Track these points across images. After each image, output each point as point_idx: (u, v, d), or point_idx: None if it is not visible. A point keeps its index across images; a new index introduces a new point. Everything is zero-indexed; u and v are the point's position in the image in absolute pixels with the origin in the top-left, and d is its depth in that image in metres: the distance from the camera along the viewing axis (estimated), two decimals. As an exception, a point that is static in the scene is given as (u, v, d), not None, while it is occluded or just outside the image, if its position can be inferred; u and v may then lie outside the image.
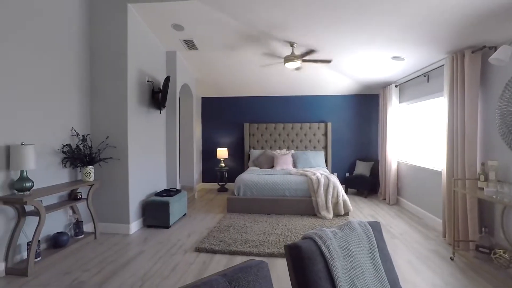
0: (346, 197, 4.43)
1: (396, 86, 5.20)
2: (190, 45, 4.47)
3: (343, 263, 1.17)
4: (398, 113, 5.24)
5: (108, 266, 2.76)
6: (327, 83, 5.86)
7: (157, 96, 4.25)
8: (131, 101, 3.68)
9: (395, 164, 5.20)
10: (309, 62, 4.31)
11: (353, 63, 4.64)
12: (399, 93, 5.24)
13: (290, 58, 4.07)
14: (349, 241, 1.25)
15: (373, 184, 5.84)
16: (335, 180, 4.61)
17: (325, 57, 4.42)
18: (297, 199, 4.48)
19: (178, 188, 4.84)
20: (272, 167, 5.92)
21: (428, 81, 4.18)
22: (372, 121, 6.32)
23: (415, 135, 4.77)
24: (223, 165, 6.34)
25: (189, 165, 5.80)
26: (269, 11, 3.26)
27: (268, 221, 4.09)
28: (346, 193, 5.46)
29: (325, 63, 4.55)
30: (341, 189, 4.49)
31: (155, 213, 3.83)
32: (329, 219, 4.22)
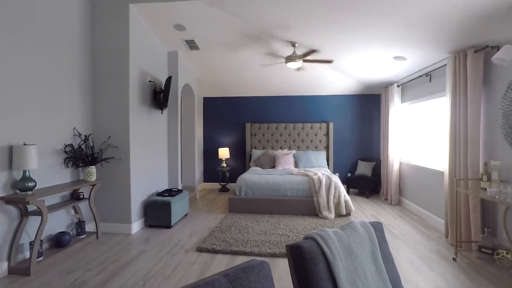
0: (347, 197, 4.42)
1: (398, 86, 5.19)
2: (191, 45, 4.47)
3: (344, 263, 1.17)
4: (400, 113, 5.23)
5: (110, 265, 2.77)
6: (329, 83, 5.85)
7: (159, 96, 4.26)
8: (133, 101, 3.69)
9: (397, 164, 5.19)
10: (310, 62, 4.31)
11: (355, 63, 4.62)
12: (401, 93, 5.22)
13: (291, 58, 4.07)
14: (351, 242, 1.24)
15: (375, 184, 5.82)
16: (337, 180, 4.60)
17: (327, 57, 4.42)
18: (298, 199, 4.47)
19: (179, 188, 4.85)
20: (273, 167, 5.91)
21: (430, 81, 4.16)
22: (374, 121, 6.30)
23: (417, 135, 4.75)
24: (225, 165, 6.34)
25: (191, 165, 5.81)
26: (270, 11, 3.26)
27: (269, 221, 4.09)
28: (347, 193, 5.46)
29: (326, 63, 4.54)
30: (342, 189, 4.48)
31: (157, 213, 3.84)
32: (330, 219, 4.21)
